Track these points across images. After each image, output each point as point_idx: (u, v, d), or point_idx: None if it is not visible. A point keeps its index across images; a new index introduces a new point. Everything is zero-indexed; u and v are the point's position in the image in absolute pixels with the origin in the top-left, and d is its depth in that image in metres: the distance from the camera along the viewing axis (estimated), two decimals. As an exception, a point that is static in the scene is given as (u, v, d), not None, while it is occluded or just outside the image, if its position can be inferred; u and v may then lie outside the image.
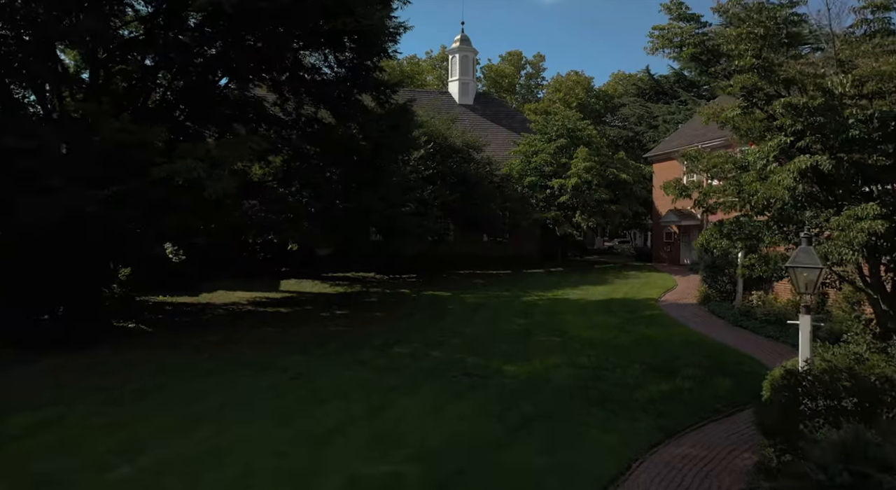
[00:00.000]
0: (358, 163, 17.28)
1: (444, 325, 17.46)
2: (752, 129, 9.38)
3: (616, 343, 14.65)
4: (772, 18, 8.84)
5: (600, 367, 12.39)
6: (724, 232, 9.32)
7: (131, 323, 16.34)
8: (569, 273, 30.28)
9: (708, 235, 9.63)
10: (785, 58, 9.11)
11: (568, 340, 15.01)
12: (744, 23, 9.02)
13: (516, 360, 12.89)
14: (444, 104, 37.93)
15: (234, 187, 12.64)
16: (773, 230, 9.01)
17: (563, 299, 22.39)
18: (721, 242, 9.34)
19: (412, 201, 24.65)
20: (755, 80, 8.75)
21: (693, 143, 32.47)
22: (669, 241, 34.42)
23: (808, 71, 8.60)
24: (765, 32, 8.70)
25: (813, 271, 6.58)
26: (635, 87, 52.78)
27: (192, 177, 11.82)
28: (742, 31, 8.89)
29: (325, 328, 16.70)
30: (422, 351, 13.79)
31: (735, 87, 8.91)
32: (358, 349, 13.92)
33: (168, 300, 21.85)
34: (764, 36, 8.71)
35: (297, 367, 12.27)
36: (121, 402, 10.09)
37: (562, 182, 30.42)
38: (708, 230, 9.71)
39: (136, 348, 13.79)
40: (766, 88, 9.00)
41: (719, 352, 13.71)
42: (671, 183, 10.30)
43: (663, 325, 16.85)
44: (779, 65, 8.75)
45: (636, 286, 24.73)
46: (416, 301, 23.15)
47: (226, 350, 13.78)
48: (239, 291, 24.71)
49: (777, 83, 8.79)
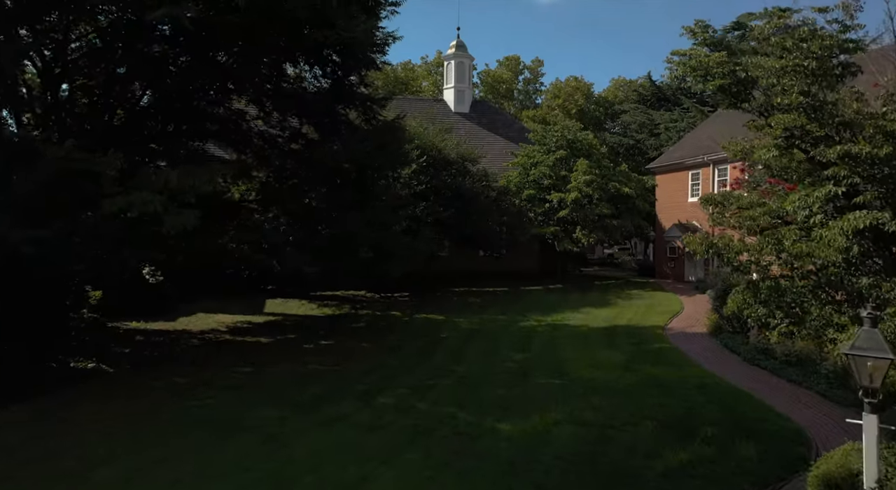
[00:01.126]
0: (342, 185, 15.93)
1: (435, 361, 16.11)
2: (787, 168, 7.99)
3: (623, 387, 13.29)
4: (826, 48, 7.47)
5: (607, 424, 11.01)
6: (760, 298, 7.91)
7: (91, 362, 14.93)
8: (569, 291, 28.94)
9: (740, 301, 8.20)
10: (837, 94, 7.73)
11: (569, 384, 13.66)
12: (789, 53, 7.65)
13: (512, 414, 11.51)
14: (438, 113, 36.58)
15: (197, 220, 11.28)
16: (820, 299, 7.64)
17: (563, 326, 21.06)
18: (756, 310, 7.94)
19: (404, 218, 23.32)
20: (802, 122, 7.40)
21: (697, 155, 31.23)
22: (673, 255, 33.12)
23: (868, 110, 7.26)
24: (817, 66, 7.33)
25: (881, 361, 5.28)
26: (636, 94, 51.51)
27: (149, 211, 10.46)
28: (787, 64, 7.53)
29: (305, 366, 15.32)
30: (408, 401, 12.42)
31: (776, 128, 7.53)
32: (339, 398, 12.54)
33: (141, 327, 20.47)
34: (816, 70, 7.35)
35: (270, 425, 10.87)
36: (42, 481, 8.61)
37: (561, 196, 29.09)
38: (740, 292, 8.27)
39: (88, 397, 12.39)
40: (815, 132, 7.63)
41: (738, 401, 12.35)
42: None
43: (673, 362, 15.49)
44: (832, 104, 7.41)
45: (640, 310, 23.39)
46: (407, 326, 21.81)
47: (192, 398, 12.38)
48: (220, 314, 23.34)
49: (829, 126, 7.43)
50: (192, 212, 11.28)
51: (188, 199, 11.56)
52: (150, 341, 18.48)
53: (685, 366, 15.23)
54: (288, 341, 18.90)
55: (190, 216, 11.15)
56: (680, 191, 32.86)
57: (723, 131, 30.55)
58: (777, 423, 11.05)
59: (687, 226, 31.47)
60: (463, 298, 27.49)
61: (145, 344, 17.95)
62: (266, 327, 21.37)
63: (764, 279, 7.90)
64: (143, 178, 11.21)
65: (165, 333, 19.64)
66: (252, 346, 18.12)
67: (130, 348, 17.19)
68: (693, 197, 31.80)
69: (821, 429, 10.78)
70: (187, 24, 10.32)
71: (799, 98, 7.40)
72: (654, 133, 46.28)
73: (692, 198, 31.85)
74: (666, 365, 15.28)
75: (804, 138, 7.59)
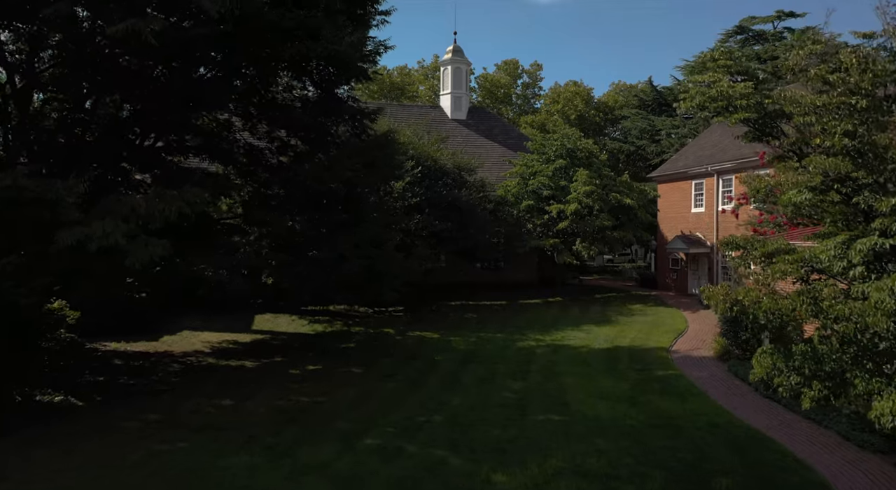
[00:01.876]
0: (328, 205, 14.99)
1: (427, 390, 15.17)
2: (816, 206, 7.00)
3: (628, 426, 12.37)
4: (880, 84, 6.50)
5: (612, 474, 10.09)
6: (793, 364, 6.88)
7: (59, 395, 13.97)
8: (568, 305, 28.00)
9: (769, 365, 7.16)
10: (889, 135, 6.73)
11: (571, 421, 12.73)
12: (832, 88, 6.68)
13: (509, 461, 10.57)
14: (435, 120, 35.69)
15: (166, 250, 10.33)
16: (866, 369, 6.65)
17: (563, 346, 20.13)
18: (790, 379, 6.91)
19: (398, 232, 22.40)
20: (848, 168, 6.43)
21: (701, 164, 30.30)
22: (676, 267, 32.20)
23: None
24: (868, 105, 6.34)
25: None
26: (637, 99, 50.59)
27: (109, 243, 9.52)
28: (832, 102, 6.56)
29: (287, 399, 14.37)
30: (396, 442, 11.47)
31: (814, 176, 6.53)
32: (320, 440, 11.59)
33: (121, 348, 19.52)
34: (867, 108, 6.37)
35: (238, 477, 9.92)
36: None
37: (561, 207, 28.16)
38: (768, 353, 7.23)
39: (48, 440, 11.41)
40: (862, 179, 6.66)
41: (753, 443, 11.44)
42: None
43: (680, 393, 14.58)
44: (883, 148, 6.44)
45: (643, 328, 22.46)
46: (399, 345, 20.88)
47: (162, 441, 11.39)
48: (205, 332, 22.41)
49: (880, 172, 6.46)
50: (161, 242, 10.32)
51: (157, 225, 10.62)
52: (128, 366, 17.52)
53: (693, 397, 14.33)
54: (273, 366, 17.93)
55: (158, 247, 10.20)
56: (683, 201, 31.94)
57: (726, 140, 29.66)
58: (798, 472, 10.13)
59: (690, 237, 30.55)
60: (459, 313, 26.57)
61: (123, 370, 16.97)
62: (252, 348, 20.42)
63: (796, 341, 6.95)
64: (106, 205, 10.25)
65: (146, 356, 18.69)
66: (235, 371, 17.16)
67: (106, 375, 16.22)
68: (697, 207, 30.89)
69: (846, 480, 9.87)
70: (151, 39, 9.38)
71: (843, 140, 6.43)
72: (656, 139, 45.39)
73: (696, 208, 30.95)
74: (673, 396, 14.38)
75: (845, 183, 6.64)
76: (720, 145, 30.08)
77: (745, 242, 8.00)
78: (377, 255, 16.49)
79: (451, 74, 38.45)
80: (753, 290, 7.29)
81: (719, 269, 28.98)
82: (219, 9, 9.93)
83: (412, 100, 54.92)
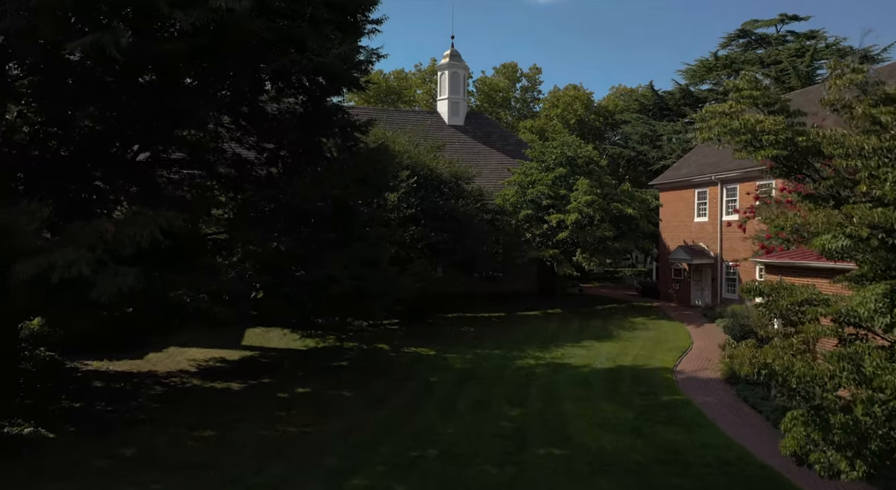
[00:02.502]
0: (316, 224, 14.23)
1: (422, 418, 14.41)
2: (851, 249, 6.23)
3: (634, 462, 11.63)
4: None
5: (617, 523, 9.36)
6: (832, 438, 6.06)
7: (29, 425, 13.16)
8: (569, 318, 27.27)
9: (802, 438, 6.29)
10: None
11: (572, 455, 11.97)
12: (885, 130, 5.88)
13: (507, 507, 9.85)
14: (431, 126, 34.96)
15: (137, 280, 9.57)
16: None
17: (563, 365, 19.40)
18: (827, 456, 6.09)
19: (392, 245, 21.62)
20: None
21: (704, 173, 29.59)
22: (678, 278, 31.49)
23: None
24: None
25: None
26: (637, 103, 49.86)
27: (72, 275, 8.76)
28: (885, 146, 5.77)
29: (273, 428, 13.59)
30: (384, 483, 10.70)
31: (861, 228, 5.72)
32: (304, 481, 10.80)
33: (103, 368, 18.74)
34: None
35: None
36: None
37: (561, 217, 27.40)
38: (800, 421, 6.40)
39: (5, 483, 10.60)
40: None
41: (768, 486, 10.71)
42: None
43: (688, 423, 13.82)
44: None
45: (646, 345, 21.71)
46: (394, 363, 20.15)
47: (130, 484, 10.54)
48: (193, 348, 21.64)
49: None
50: (132, 270, 9.54)
51: (128, 251, 9.85)
52: (108, 389, 16.73)
53: (701, 428, 13.58)
54: (261, 388, 17.16)
55: (129, 276, 9.42)
56: (686, 210, 31.23)
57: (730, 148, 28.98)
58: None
59: (693, 248, 29.84)
60: (456, 327, 25.82)
61: (102, 393, 16.17)
62: (240, 367, 19.67)
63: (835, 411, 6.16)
64: (72, 232, 9.49)
65: (128, 377, 17.92)
66: (221, 395, 16.38)
67: (83, 401, 15.42)
68: (700, 217, 30.18)
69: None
70: (115, 53, 8.63)
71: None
72: (657, 144, 44.67)
73: (699, 218, 30.24)
74: (679, 426, 13.63)
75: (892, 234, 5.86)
76: (724, 153, 29.34)
77: (771, 289, 7.23)
78: (369, 275, 15.71)
79: (449, 79, 37.72)
80: (784, 350, 6.54)
81: (723, 281, 28.27)
82: (192, 22, 9.20)
83: (409, 104, 54.20)
